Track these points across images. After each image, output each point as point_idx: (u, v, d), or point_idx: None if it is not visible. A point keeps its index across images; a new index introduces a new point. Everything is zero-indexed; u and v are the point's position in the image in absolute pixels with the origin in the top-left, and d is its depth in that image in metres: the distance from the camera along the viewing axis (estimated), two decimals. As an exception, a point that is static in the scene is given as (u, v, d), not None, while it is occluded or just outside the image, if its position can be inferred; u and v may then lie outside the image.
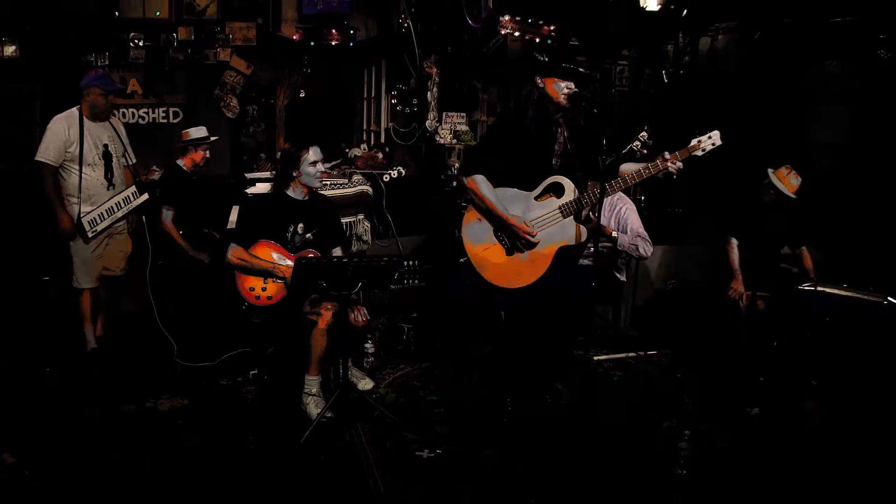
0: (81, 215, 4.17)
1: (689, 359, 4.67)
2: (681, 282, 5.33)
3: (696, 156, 3.27)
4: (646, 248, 4.38)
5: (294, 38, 6.84)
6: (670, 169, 3.24)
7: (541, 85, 3.39)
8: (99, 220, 4.22)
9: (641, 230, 4.43)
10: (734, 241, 4.66)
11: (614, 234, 4.30)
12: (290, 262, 3.67)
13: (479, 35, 7.16)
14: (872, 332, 4.06)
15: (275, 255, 3.71)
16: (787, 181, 4.54)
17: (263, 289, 3.70)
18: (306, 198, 3.83)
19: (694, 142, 3.27)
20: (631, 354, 4.76)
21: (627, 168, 3.41)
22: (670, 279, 5.43)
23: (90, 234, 4.21)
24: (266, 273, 3.66)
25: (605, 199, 3.36)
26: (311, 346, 3.62)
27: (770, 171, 4.60)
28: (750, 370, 4.29)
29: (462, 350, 4.63)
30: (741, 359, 4.38)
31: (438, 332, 4.88)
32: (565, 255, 3.45)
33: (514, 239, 3.44)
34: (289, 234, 3.77)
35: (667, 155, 3.25)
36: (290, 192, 3.81)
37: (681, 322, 5.01)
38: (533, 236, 3.38)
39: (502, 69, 7.49)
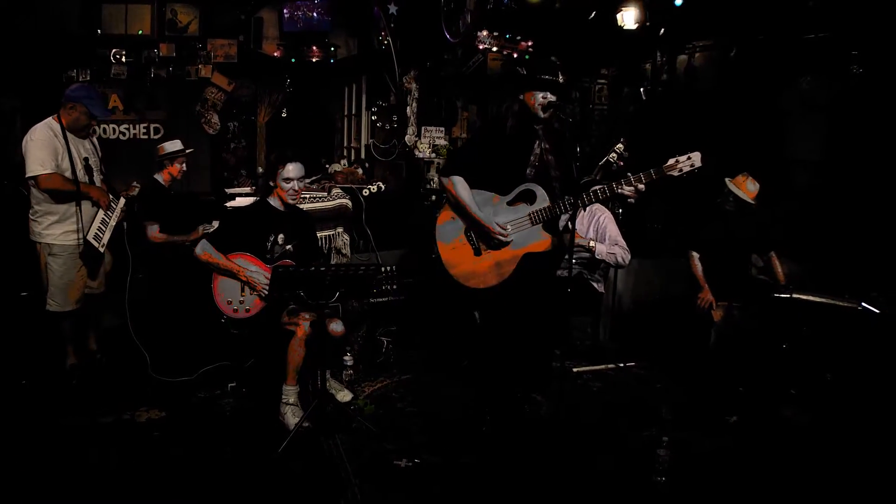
0: (86, 234, 4.09)
1: (667, 370, 4.72)
2: (659, 293, 5.39)
3: (671, 176, 3.22)
4: (624, 257, 4.45)
5: (275, 55, 6.92)
6: (625, 192, 3.28)
7: (521, 98, 3.49)
8: (101, 234, 4.17)
9: (619, 238, 4.51)
10: (695, 255, 4.77)
11: (592, 244, 4.37)
12: (257, 269, 3.68)
13: (460, 53, 7.27)
14: (847, 338, 4.12)
15: (242, 262, 3.72)
16: (744, 187, 4.61)
17: (241, 301, 3.71)
18: (284, 208, 3.85)
19: (671, 161, 3.22)
20: (610, 366, 4.81)
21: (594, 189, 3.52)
22: (648, 291, 5.49)
23: (101, 250, 4.17)
24: (231, 274, 3.67)
25: (582, 210, 3.43)
26: (288, 355, 3.62)
27: (727, 179, 4.70)
28: (728, 380, 4.33)
29: (441, 363, 4.64)
30: (719, 369, 4.42)
31: (418, 345, 4.89)
32: (534, 263, 3.51)
33: (485, 239, 3.55)
34: (268, 244, 3.79)
35: (630, 176, 3.27)
36: (271, 202, 3.84)
37: (659, 334, 5.07)
38: (505, 237, 3.48)
39: (483, 88, 7.59)
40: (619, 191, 3.31)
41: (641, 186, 3.29)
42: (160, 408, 3.82)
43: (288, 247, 3.84)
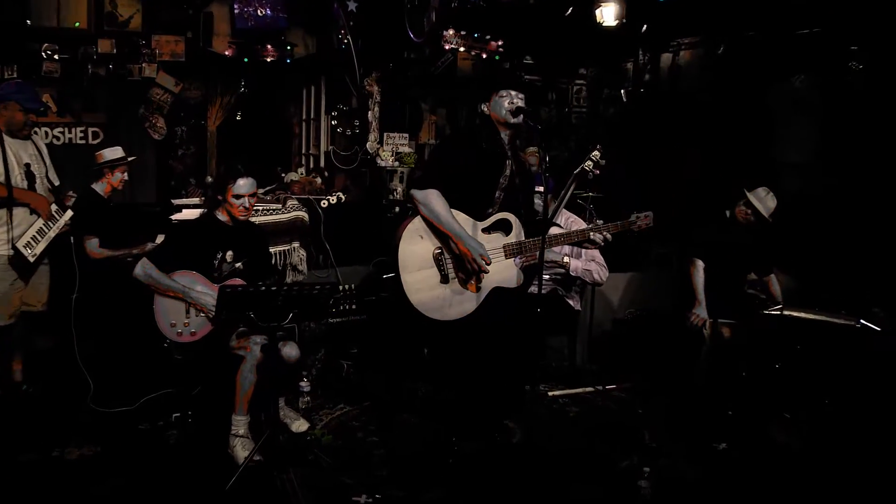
0: (14, 240, 4.06)
1: (650, 392, 4.77)
2: (641, 310, 5.47)
3: (632, 231, 3.67)
4: (601, 274, 4.51)
5: (227, 53, 6.89)
6: (596, 238, 3.56)
7: (485, 111, 3.55)
8: (34, 243, 4.12)
9: (597, 255, 4.56)
10: (699, 263, 4.68)
11: (566, 259, 4.43)
12: (204, 289, 3.67)
13: (427, 53, 7.33)
14: (846, 358, 4.13)
15: (187, 281, 3.70)
16: (765, 203, 4.65)
17: (186, 324, 3.69)
18: (233, 224, 3.85)
19: (633, 216, 3.67)
20: (588, 389, 4.85)
21: (553, 231, 3.66)
22: (630, 308, 5.56)
23: (31, 259, 4.12)
24: (175, 294, 3.65)
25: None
26: (238, 382, 3.61)
27: (747, 191, 4.69)
28: (716, 403, 4.36)
29: (407, 388, 4.65)
30: (707, 391, 4.47)
31: (382, 368, 4.90)
32: (502, 298, 3.53)
33: (460, 265, 3.48)
34: (216, 262, 3.78)
35: (599, 222, 3.61)
36: (219, 216, 3.84)
37: (641, 353, 5.13)
38: (486, 266, 3.39)
39: (452, 90, 7.66)
40: (591, 237, 3.56)
41: (609, 235, 3.56)
42: (95, 442, 3.76)
43: (237, 264, 3.83)
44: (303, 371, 4.43)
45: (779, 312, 4.34)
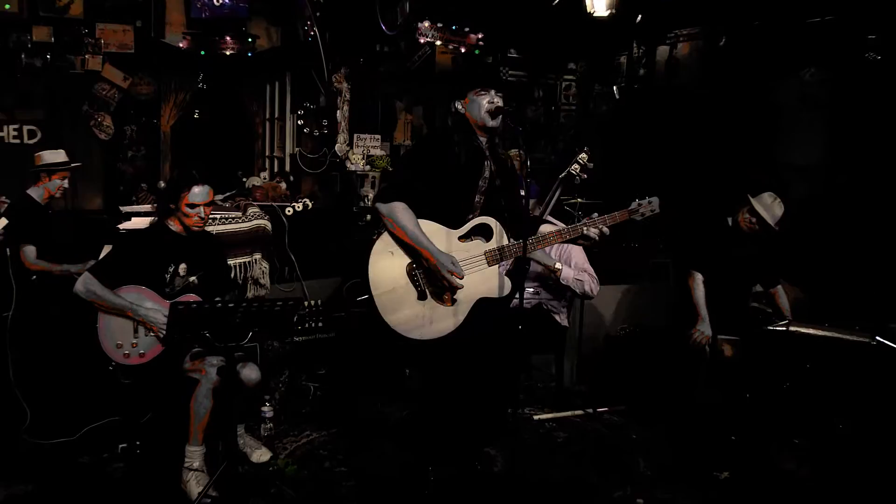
0: None
1: (646, 416, 4.79)
2: (635, 326, 5.50)
3: (634, 220, 3.55)
4: (592, 286, 4.54)
5: (181, 45, 6.86)
6: (591, 234, 3.48)
7: (460, 109, 3.55)
8: None
9: (587, 265, 4.59)
10: (699, 276, 4.70)
11: (558, 265, 4.44)
12: (154, 306, 3.66)
13: (403, 46, 7.36)
14: (861, 378, 4.13)
15: (135, 298, 3.68)
16: (771, 210, 4.63)
17: (134, 344, 3.66)
18: (186, 234, 3.85)
19: (634, 204, 3.55)
20: (577, 412, 4.86)
21: (545, 229, 3.64)
22: (623, 323, 5.59)
23: None
24: (121, 312, 3.63)
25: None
26: (192, 409, 3.59)
27: (752, 197, 4.69)
28: (719, 427, 4.38)
29: (379, 411, 4.65)
30: (708, 414, 4.48)
31: (352, 391, 4.90)
32: (490, 310, 3.53)
33: (433, 280, 3.49)
34: (167, 276, 3.77)
35: (594, 215, 3.51)
36: (171, 225, 3.83)
37: (636, 373, 5.14)
38: (458, 280, 3.40)
39: (430, 87, 7.70)
40: (585, 232, 3.47)
41: (606, 230, 3.48)
42: (29, 479, 3.70)
43: (192, 279, 3.82)
44: (265, 395, 4.42)
45: (785, 328, 4.33)
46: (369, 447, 4.24)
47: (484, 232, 3.54)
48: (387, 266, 3.51)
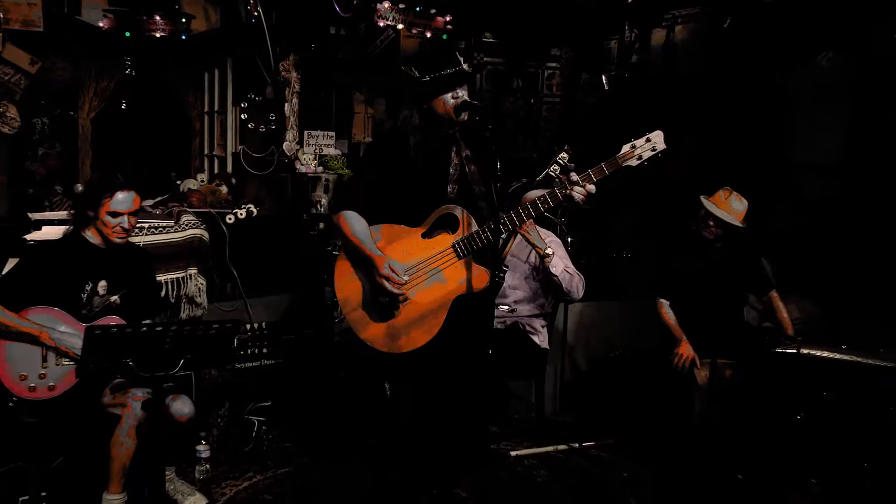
0: None
1: (638, 450, 4.81)
2: (626, 348, 5.51)
3: (629, 167, 3.29)
4: (578, 286, 4.53)
5: (101, 25, 6.78)
6: (575, 195, 3.29)
7: (425, 107, 3.54)
8: None
9: (570, 265, 4.60)
10: (664, 302, 4.94)
11: (549, 250, 4.41)
12: (68, 330, 3.61)
13: (363, 29, 7.34)
14: (887, 410, 4.06)
15: (45, 320, 3.62)
16: (727, 206, 4.70)
17: (42, 375, 3.60)
18: (106, 247, 3.80)
19: (626, 148, 3.28)
20: (560, 447, 4.87)
21: (532, 195, 3.52)
22: (611, 345, 5.60)
23: None
24: (27, 337, 3.56)
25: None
26: (112, 450, 3.54)
27: (703, 198, 4.78)
28: (722, 464, 4.37)
29: (334, 449, 4.64)
30: (708, 449, 4.48)
31: (302, 425, 4.88)
32: (470, 308, 3.51)
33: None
34: (84, 295, 3.72)
35: (573, 176, 3.29)
36: (88, 237, 3.79)
37: (627, 402, 5.15)
38: (401, 285, 3.42)
39: (394, 76, 7.68)
40: (567, 192, 3.29)
41: (591, 187, 3.28)
42: None
43: (113, 298, 3.78)
44: (200, 432, 4.35)
45: (795, 351, 4.29)
46: (322, 489, 4.23)
47: (450, 223, 3.52)
48: (352, 280, 3.60)
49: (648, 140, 3.29)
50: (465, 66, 3.49)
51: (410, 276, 3.46)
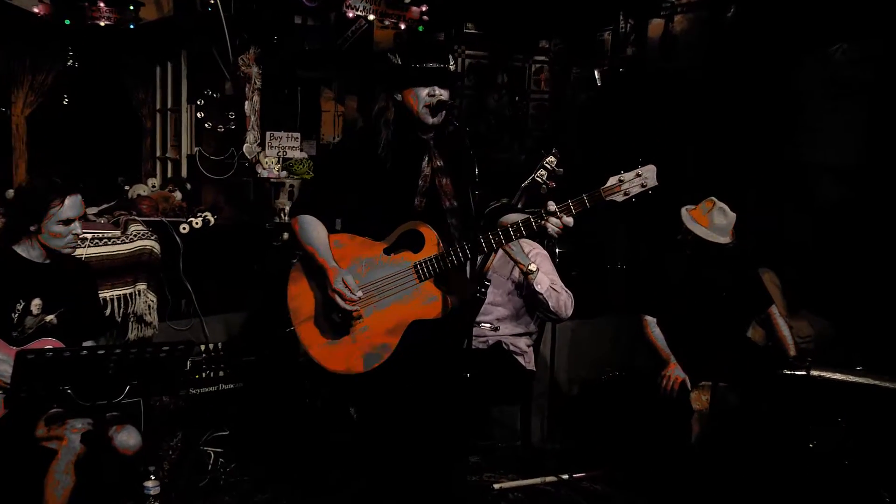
0: None
1: (634, 482, 4.82)
2: (621, 369, 5.52)
3: (613, 202, 3.28)
4: (567, 303, 4.54)
5: (36, 11, 6.75)
6: (549, 227, 3.29)
7: (398, 97, 3.56)
8: None
9: (558, 281, 4.61)
10: (649, 320, 4.95)
11: (532, 266, 4.41)
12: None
13: (333, 18, 7.35)
14: None
15: None
16: (706, 220, 4.69)
17: (-34, 405, 3.58)
18: (47, 260, 3.78)
19: (613, 180, 3.27)
20: (549, 479, 4.87)
21: (508, 219, 3.56)
22: (604, 366, 5.61)
23: None
24: None
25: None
26: (46, 489, 3.48)
27: (684, 210, 4.78)
28: (724, 497, 4.39)
29: (300, 480, 4.63)
30: (709, 480, 4.49)
31: (264, 456, 4.87)
32: (426, 335, 3.53)
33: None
34: (15, 315, 3.68)
35: (551, 205, 3.28)
36: (20, 251, 3.75)
37: (621, 428, 5.14)
38: (353, 303, 3.44)
39: (367, 70, 7.70)
40: (542, 224, 3.31)
41: (569, 220, 3.30)
42: None
43: (49, 317, 3.76)
44: (149, 466, 4.31)
45: (805, 373, 4.34)
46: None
47: (414, 241, 3.53)
48: (306, 291, 3.64)
49: (639, 175, 3.25)
50: (451, 66, 3.50)
51: (367, 293, 3.48)
